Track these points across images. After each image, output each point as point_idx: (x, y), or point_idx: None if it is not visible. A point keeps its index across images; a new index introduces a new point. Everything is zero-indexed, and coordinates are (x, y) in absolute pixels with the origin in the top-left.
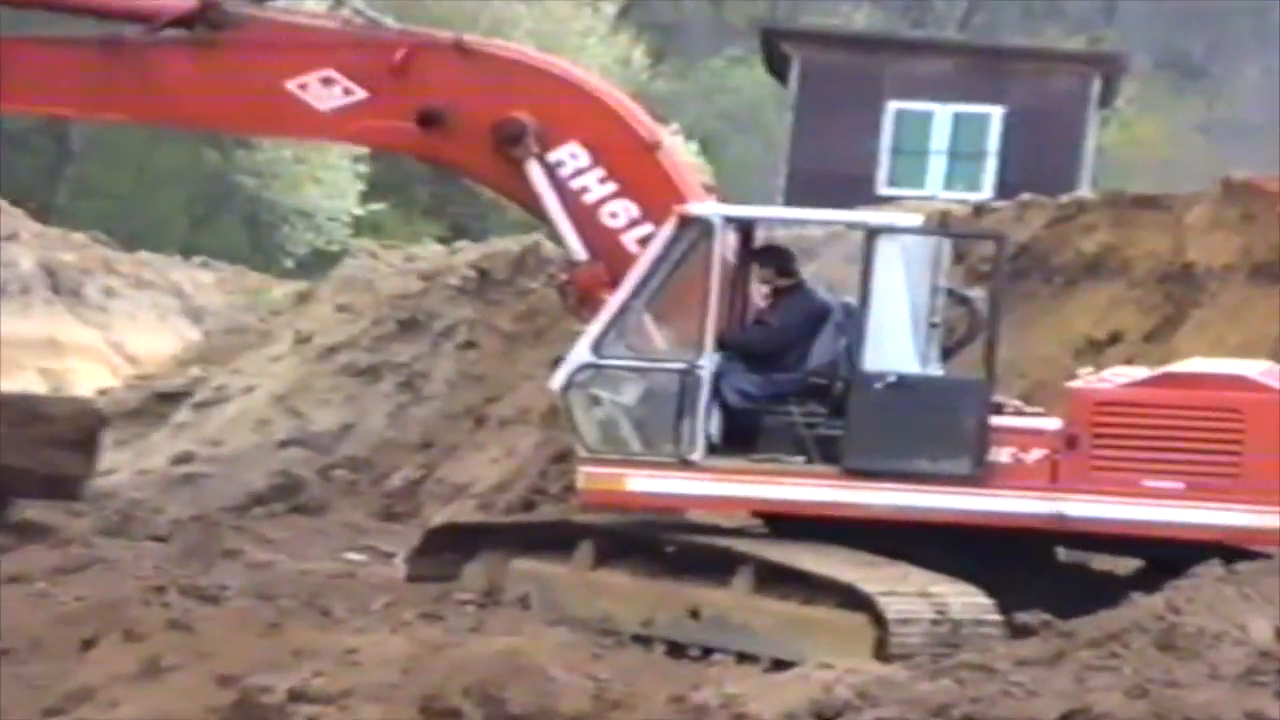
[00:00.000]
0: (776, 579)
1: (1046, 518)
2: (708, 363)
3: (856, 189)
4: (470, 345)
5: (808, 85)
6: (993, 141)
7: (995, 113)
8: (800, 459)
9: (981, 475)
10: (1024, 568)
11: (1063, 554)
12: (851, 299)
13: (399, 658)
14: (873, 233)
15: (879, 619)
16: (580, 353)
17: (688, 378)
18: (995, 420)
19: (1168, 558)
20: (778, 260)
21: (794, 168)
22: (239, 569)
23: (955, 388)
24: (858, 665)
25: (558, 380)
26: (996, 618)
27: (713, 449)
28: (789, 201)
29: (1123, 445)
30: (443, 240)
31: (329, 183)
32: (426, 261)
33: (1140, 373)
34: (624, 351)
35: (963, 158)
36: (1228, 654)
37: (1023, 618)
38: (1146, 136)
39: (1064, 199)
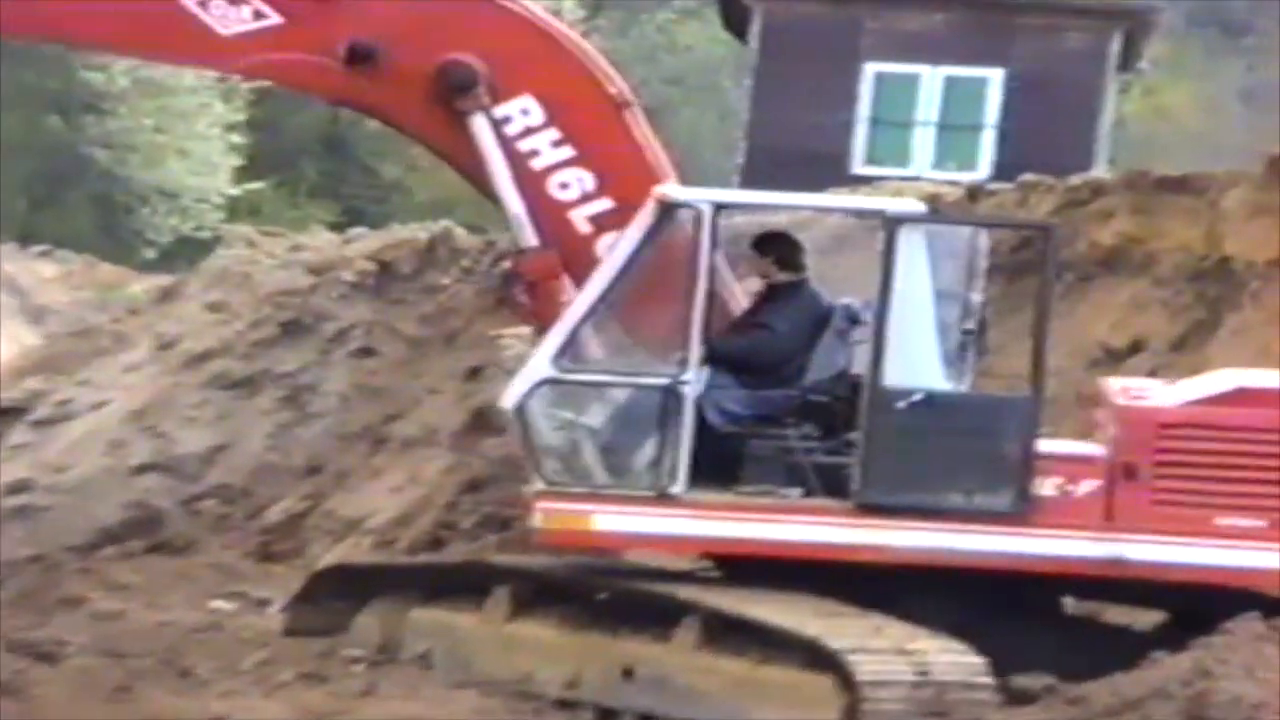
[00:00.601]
0: (727, 632)
1: (1102, 562)
2: (694, 377)
3: (828, 167)
4: (367, 352)
5: (771, 43)
6: (991, 111)
7: (994, 76)
8: (796, 491)
9: (1026, 512)
10: (1024, 619)
11: (1070, 604)
12: (853, 300)
13: None
14: (894, 222)
15: (848, 681)
16: (538, 365)
17: (669, 396)
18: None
19: (1197, 610)
20: (781, 250)
21: (754, 142)
22: (82, 620)
23: (996, 407)
24: None
25: (510, 398)
26: (989, 680)
27: (694, 480)
28: (747, 182)
29: (1191, 476)
30: (335, 227)
31: (198, 156)
32: (315, 252)
33: (1197, 387)
34: (591, 364)
35: (955, 130)
36: None
37: (1022, 681)
38: (1176, 105)
39: (1076, 180)
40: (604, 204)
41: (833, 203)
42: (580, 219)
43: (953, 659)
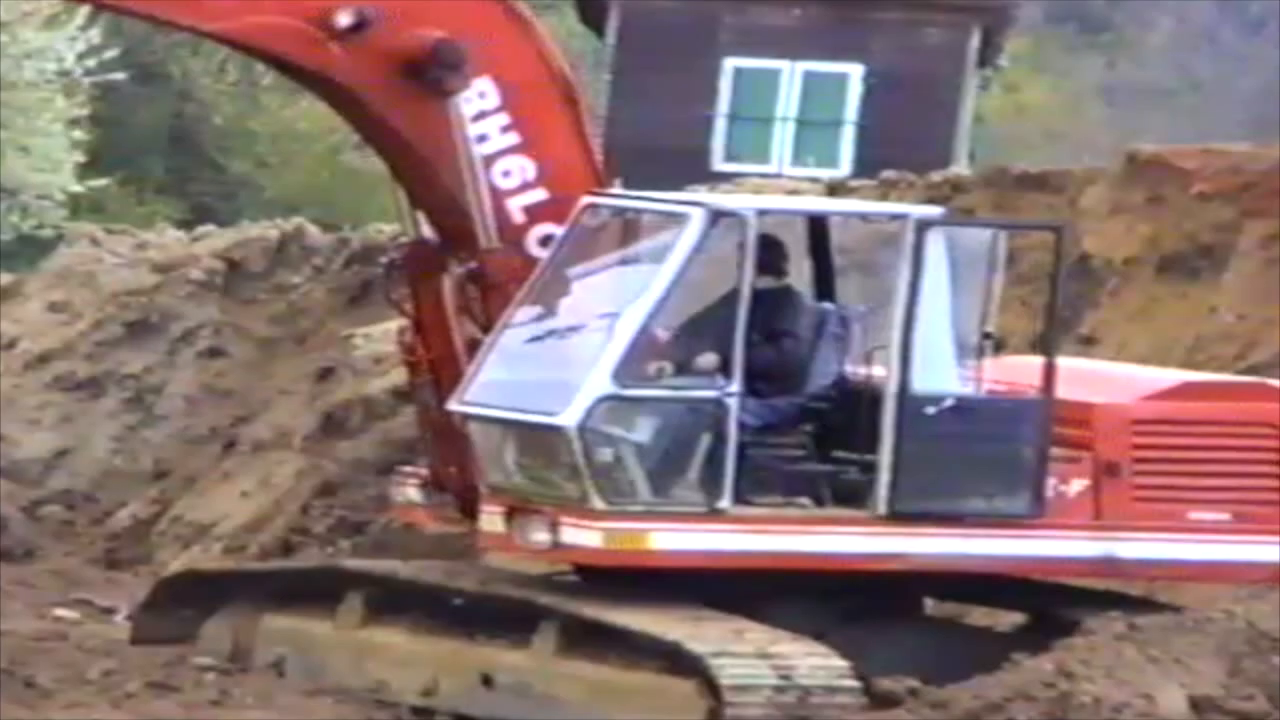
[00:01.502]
0: (587, 638)
1: (1096, 562)
2: (737, 389)
3: (688, 163)
4: (216, 353)
5: (629, 38)
6: (851, 107)
7: (854, 72)
8: (805, 501)
9: (1040, 514)
10: (887, 622)
11: (931, 606)
12: (843, 304)
13: None
14: (922, 226)
15: (710, 686)
16: (600, 381)
17: (717, 408)
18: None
19: (1059, 612)
20: (774, 256)
21: (611, 138)
22: None
23: (1016, 410)
24: None
25: (574, 416)
26: (853, 683)
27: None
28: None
29: (1166, 472)
30: (182, 224)
31: (39, 152)
32: (161, 250)
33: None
34: (648, 379)
35: (815, 126)
36: None
37: (885, 684)
38: (1035, 102)
39: (936, 177)
40: (541, 195)
41: (860, 208)
42: (516, 208)
43: (816, 663)
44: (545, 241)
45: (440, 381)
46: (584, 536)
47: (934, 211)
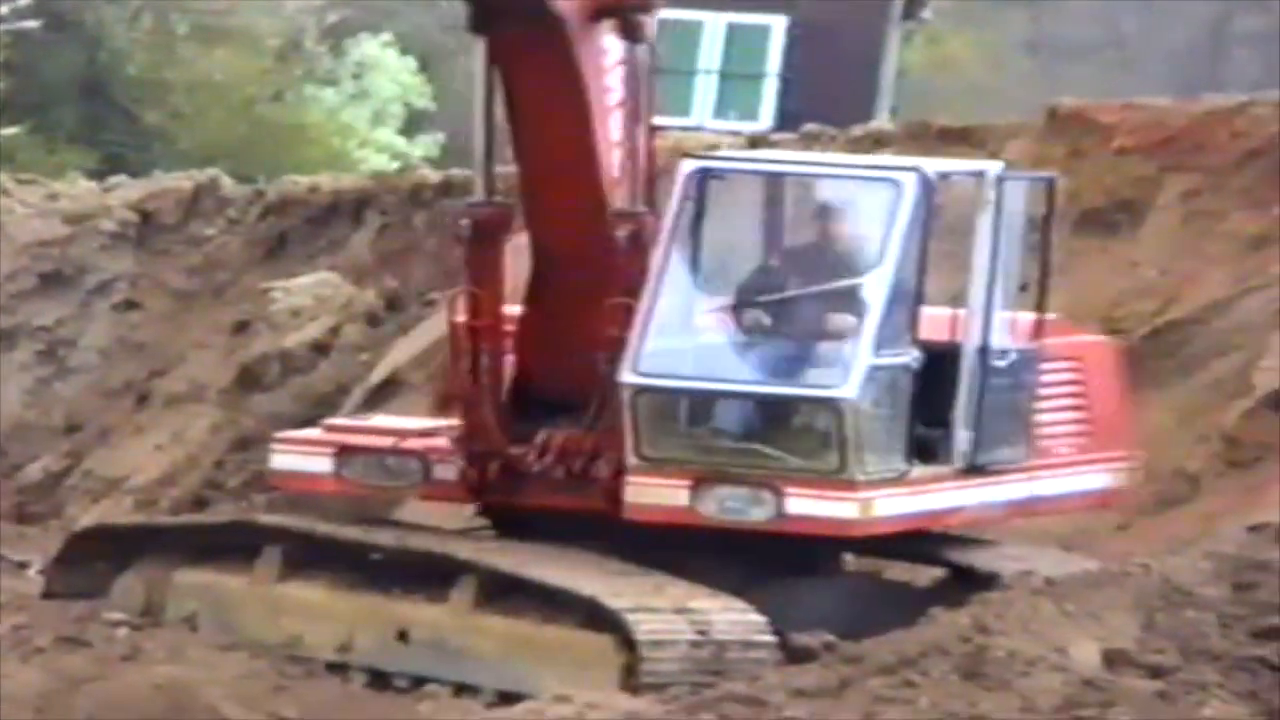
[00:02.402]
0: (504, 592)
1: (1024, 502)
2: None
3: None
4: (130, 305)
5: None
6: (773, 60)
7: (776, 24)
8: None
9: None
10: (804, 578)
11: (851, 561)
12: None
13: (31, 694)
14: (1000, 182)
15: (627, 641)
16: (867, 352)
17: (913, 373)
18: None
19: (973, 566)
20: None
21: None
22: None
23: (1036, 359)
24: (601, 698)
25: (853, 388)
26: (769, 639)
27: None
28: None
29: (1057, 409)
30: (95, 175)
31: None
32: (74, 200)
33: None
34: (892, 347)
35: (737, 79)
36: (1044, 682)
37: (801, 639)
38: (959, 56)
39: (858, 130)
40: (617, 155)
41: (941, 166)
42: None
43: (734, 618)
44: None
45: (478, 349)
46: (833, 508)
47: (999, 167)
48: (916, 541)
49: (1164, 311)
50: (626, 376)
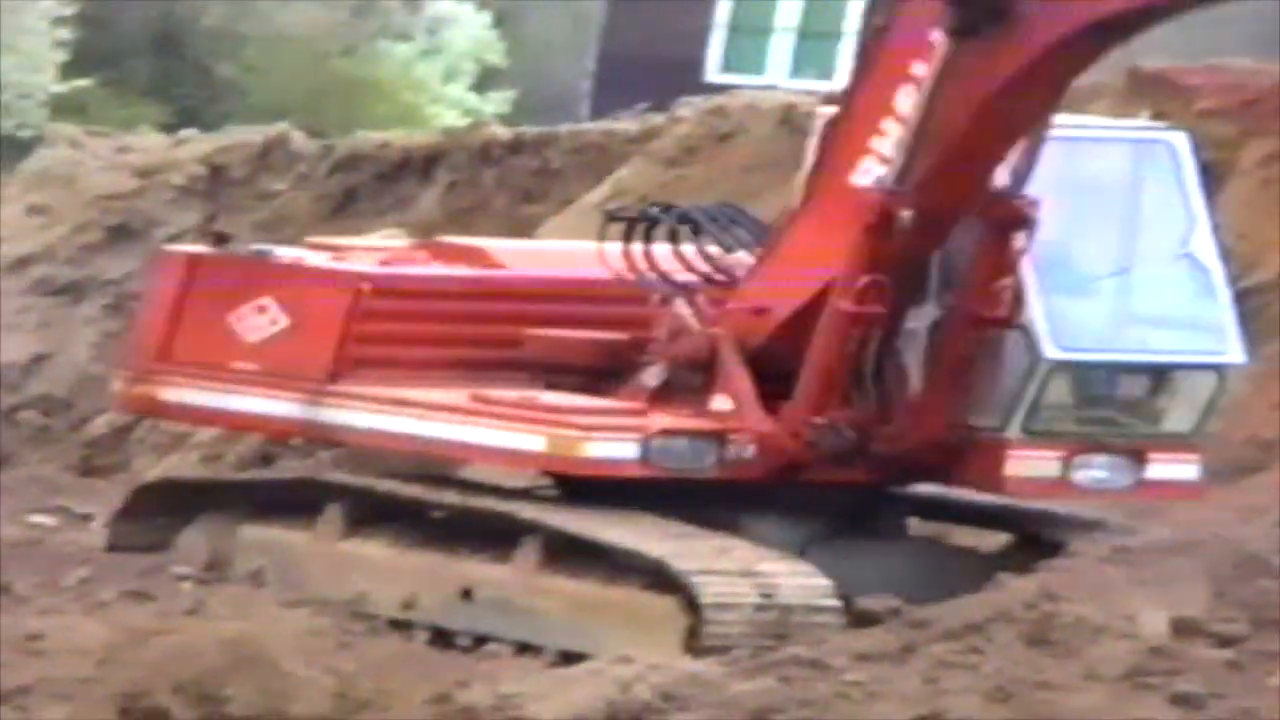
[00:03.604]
0: (569, 553)
1: None
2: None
3: (682, 74)
4: None
5: None
6: (851, 19)
7: None
8: None
9: None
10: (870, 541)
11: (915, 524)
12: None
13: (95, 646)
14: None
15: (692, 603)
16: (1232, 315)
17: None
18: None
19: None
20: None
21: (607, 48)
22: None
23: None
24: (663, 659)
25: (1237, 351)
26: (835, 603)
27: None
28: (600, 90)
29: None
30: (166, 128)
31: (23, 51)
32: (144, 154)
33: None
34: None
35: (813, 38)
36: (1110, 650)
37: (867, 603)
38: None
39: None
40: None
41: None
42: None
43: (800, 582)
44: None
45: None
46: (1183, 471)
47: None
48: (984, 507)
49: (1244, 276)
50: (1050, 353)
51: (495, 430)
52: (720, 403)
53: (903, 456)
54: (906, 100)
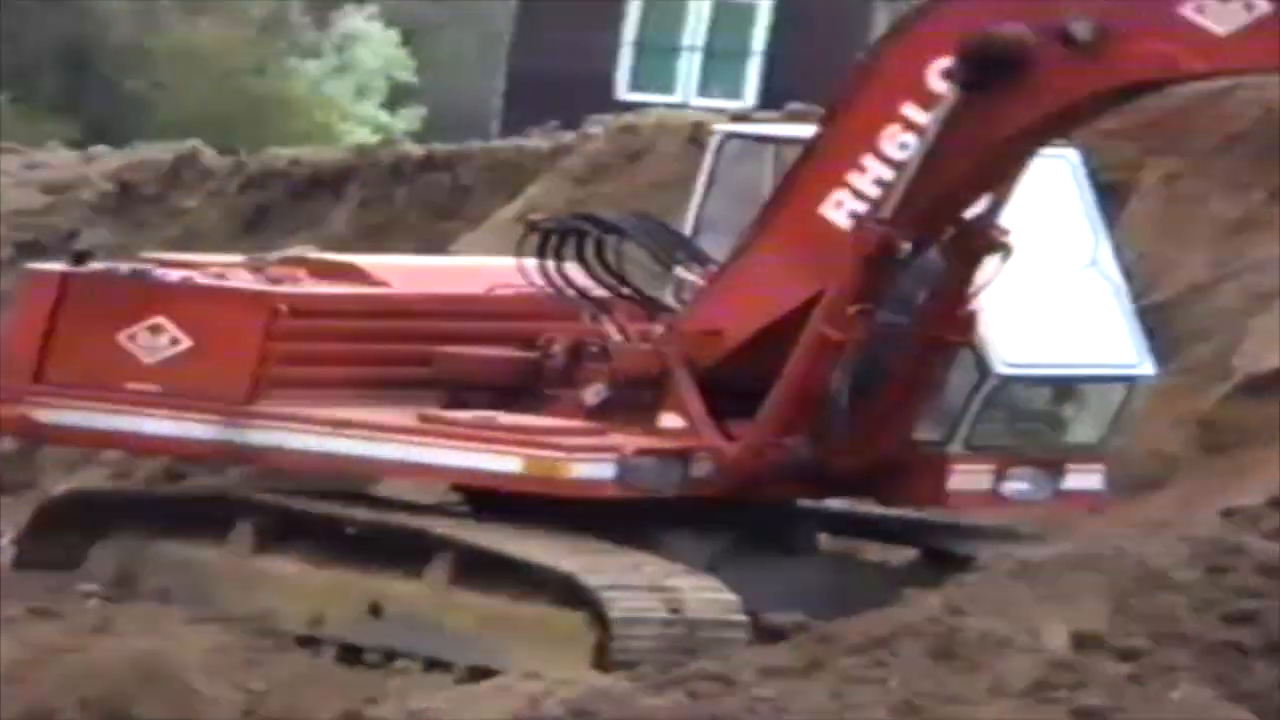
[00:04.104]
0: (480, 569)
1: None
2: None
3: (592, 92)
4: None
5: None
6: (758, 38)
7: (763, 2)
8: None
9: None
10: (780, 556)
11: (826, 540)
12: None
13: (2, 664)
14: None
15: (600, 618)
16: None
17: None
18: None
19: (948, 548)
20: None
21: (516, 66)
22: None
23: None
24: (572, 674)
25: (1149, 363)
26: (742, 618)
27: None
28: (509, 107)
29: None
30: (75, 144)
31: None
32: (54, 170)
33: None
34: None
35: (722, 57)
36: (1014, 664)
37: (774, 618)
38: None
39: None
40: None
41: None
42: None
43: (708, 597)
44: None
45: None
46: (1091, 481)
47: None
48: (892, 522)
49: (1144, 295)
50: (999, 369)
51: (456, 451)
52: (670, 421)
53: (850, 473)
54: (892, 139)
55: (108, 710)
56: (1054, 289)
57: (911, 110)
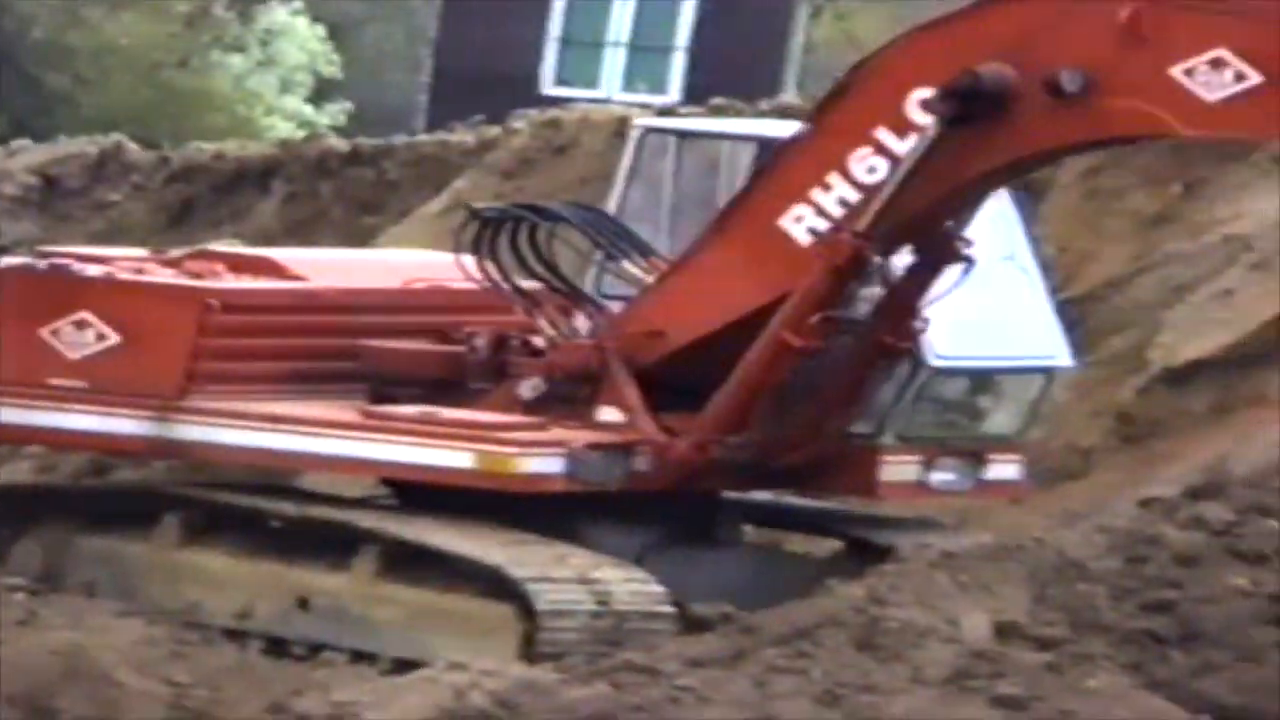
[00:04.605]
0: (407, 562)
1: None
2: None
3: (517, 88)
4: None
5: None
6: (682, 33)
7: None
8: None
9: None
10: (705, 548)
11: (750, 532)
12: None
13: None
14: None
15: (527, 610)
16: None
17: None
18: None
19: (871, 538)
20: None
21: (441, 61)
22: None
23: None
24: (498, 666)
25: (1069, 354)
26: (668, 609)
27: None
28: (434, 103)
29: None
30: None
31: None
32: None
33: None
34: None
35: (646, 52)
36: (935, 654)
37: (699, 609)
38: (868, 32)
39: (765, 104)
40: None
41: None
42: None
43: (635, 588)
44: None
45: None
46: (1011, 471)
47: None
48: (815, 513)
49: (1063, 288)
50: (932, 360)
51: (400, 446)
52: (607, 414)
53: (787, 467)
54: (861, 161)
55: (32, 704)
56: (977, 282)
57: (885, 135)
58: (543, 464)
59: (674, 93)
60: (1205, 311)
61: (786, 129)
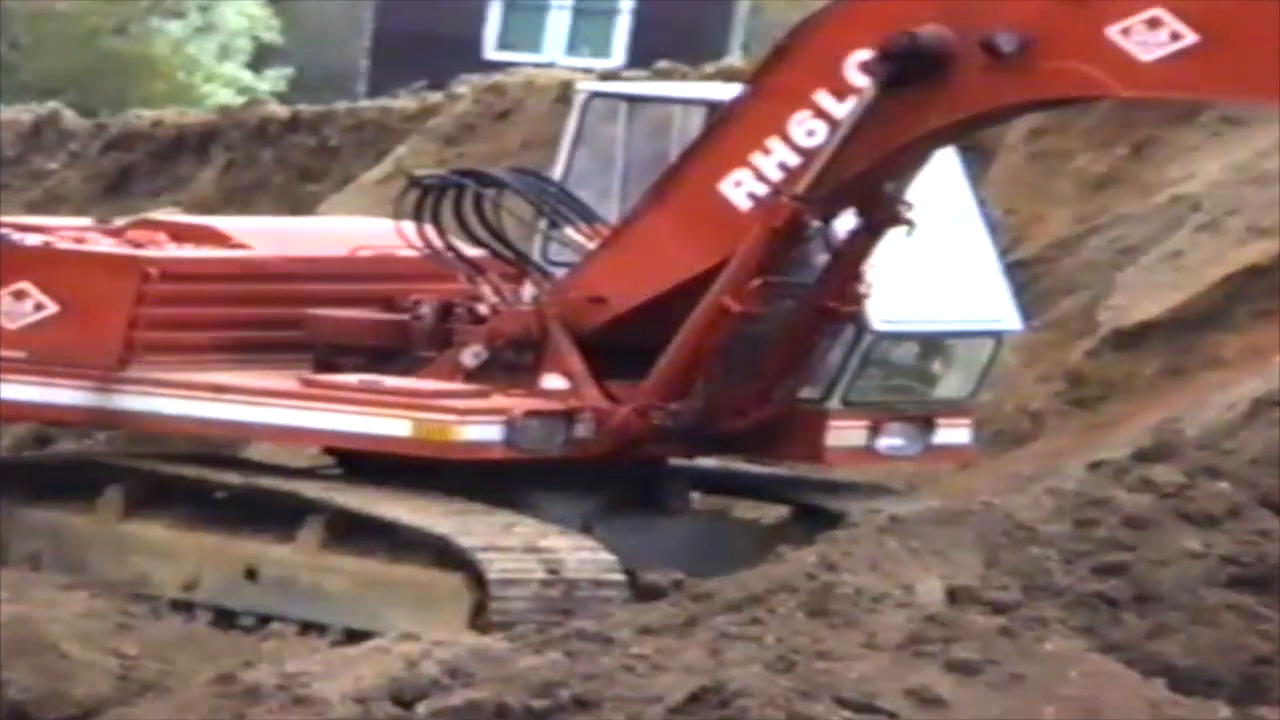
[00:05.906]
0: (354, 531)
1: None
2: None
3: (459, 51)
4: None
5: None
6: None
7: None
8: None
9: None
10: (654, 515)
11: (699, 499)
12: None
13: None
14: None
15: (477, 580)
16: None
17: None
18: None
19: (821, 505)
20: None
21: (382, 26)
22: None
23: None
24: (449, 636)
25: (1016, 318)
26: (619, 577)
27: None
28: (375, 67)
29: None
30: None
31: None
32: None
33: None
34: None
35: (589, 15)
36: (888, 619)
37: (650, 577)
38: None
39: (710, 67)
40: None
41: None
42: None
43: (585, 557)
44: None
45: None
46: (959, 435)
47: None
48: (764, 479)
49: (1011, 251)
50: (876, 325)
51: (341, 415)
52: (552, 382)
53: (732, 433)
54: (800, 125)
55: None
56: (923, 246)
57: (824, 98)
58: (481, 432)
59: (618, 56)
60: (1154, 273)
61: (734, 93)
